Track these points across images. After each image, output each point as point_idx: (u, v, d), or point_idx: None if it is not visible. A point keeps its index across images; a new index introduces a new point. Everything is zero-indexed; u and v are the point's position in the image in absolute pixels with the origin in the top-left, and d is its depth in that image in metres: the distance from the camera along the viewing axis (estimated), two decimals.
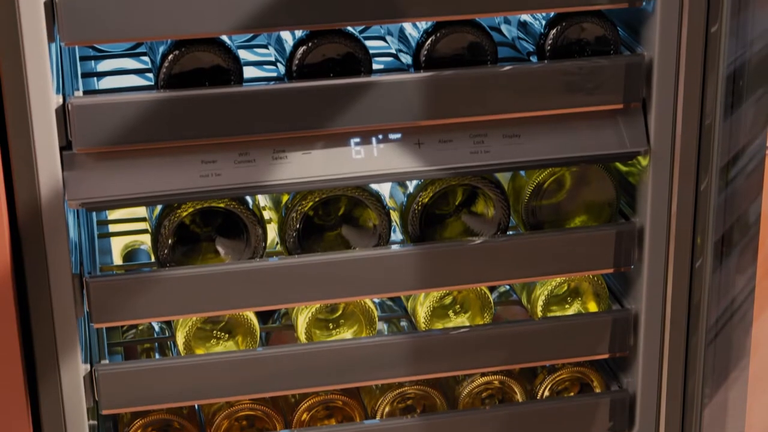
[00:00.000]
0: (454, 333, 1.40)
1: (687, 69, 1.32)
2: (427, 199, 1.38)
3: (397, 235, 1.45)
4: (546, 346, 1.43)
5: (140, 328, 1.53)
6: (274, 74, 1.44)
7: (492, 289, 1.54)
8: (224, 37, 1.28)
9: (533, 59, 1.39)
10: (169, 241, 1.33)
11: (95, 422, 1.39)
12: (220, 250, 1.36)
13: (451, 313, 1.47)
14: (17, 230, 1.24)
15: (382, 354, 1.39)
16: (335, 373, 1.38)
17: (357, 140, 1.31)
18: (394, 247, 1.36)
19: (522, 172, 1.43)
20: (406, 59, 1.37)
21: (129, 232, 1.67)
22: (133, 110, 1.24)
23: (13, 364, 1.27)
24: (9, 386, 1.27)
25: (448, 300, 1.47)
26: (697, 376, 1.44)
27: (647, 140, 1.36)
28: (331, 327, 1.44)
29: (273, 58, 1.42)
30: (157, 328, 1.53)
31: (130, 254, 1.72)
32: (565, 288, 1.48)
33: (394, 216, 1.42)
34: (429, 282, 1.37)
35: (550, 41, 1.36)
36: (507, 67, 1.31)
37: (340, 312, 1.44)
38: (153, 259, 1.36)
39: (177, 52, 1.26)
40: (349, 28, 1.31)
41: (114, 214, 1.69)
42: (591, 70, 1.33)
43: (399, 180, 1.36)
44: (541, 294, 1.46)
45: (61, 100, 1.23)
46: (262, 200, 1.44)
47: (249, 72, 1.44)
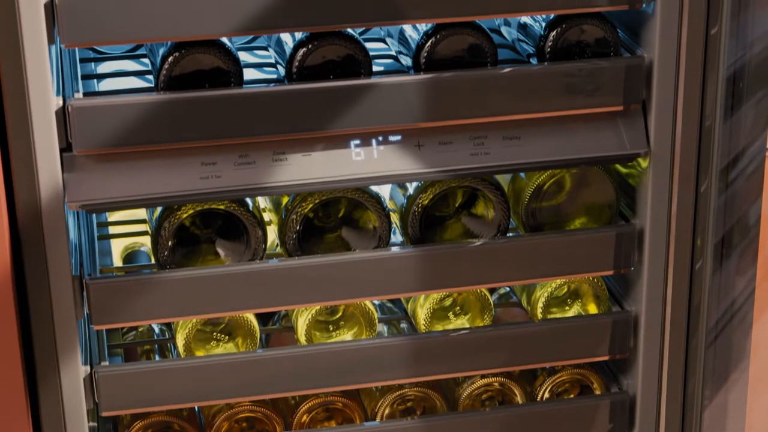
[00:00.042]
0: (454, 335, 1.40)
1: (687, 71, 1.32)
2: (427, 201, 1.38)
3: (397, 237, 1.45)
4: (546, 348, 1.43)
5: (140, 329, 1.53)
6: (274, 76, 1.44)
7: (492, 291, 1.54)
8: (224, 39, 1.28)
9: (533, 61, 1.39)
10: (169, 242, 1.33)
11: (95, 424, 1.39)
12: (220, 251, 1.35)
13: (451, 314, 1.47)
14: (17, 232, 1.24)
15: (382, 356, 1.39)
16: (335, 374, 1.38)
17: (357, 142, 1.31)
18: (394, 249, 1.36)
19: (522, 174, 1.43)
20: (406, 61, 1.37)
21: (129, 234, 1.67)
22: (133, 112, 1.24)
23: (13, 366, 1.27)
24: (9, 388, 1.27)
25: (448, 302, 1.47)
26: (697, 377, 1.44)
27: (647, 142, 1.36)
28: (331, 329, 1.44)
29: (273, 60, 1.42)
30: (157, 330, 1.53)
31: (130, 256, 1.72)
32: (565, 290, 1.48)
33: (394, 218, 1.42)
34: (429, 284, 1.37)
35: (550, 43, 1.36)
36: (507, 69, 1.31)
37: (340, 314, 1.44)
38: (153, 260, 1.36)
39: (177, 54, 1.26)
40: (349, 30, 1.31)
41: (114, 216, 1.69)
42: (591, 72, 1.33)
43: (399, 182, 1.36)
44: (541, 296, 1.46)
45: (61, 102, 1.23)
46: (262, 202, 1.44)
47: (249, 74, 1.44)
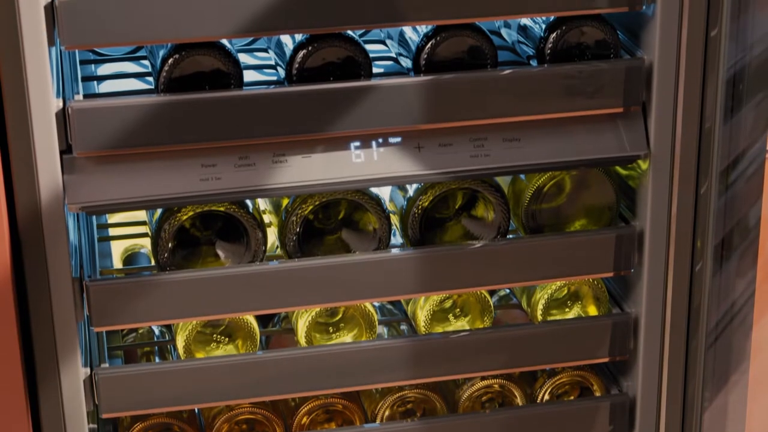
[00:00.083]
0: (454, 337, 1.40)
1: (687, 73, 1.32)
2: (427, 203, 1.38)
3: (397, 239, 1.45)
4: (546, 350, 1.43)
5: (140, 331, 1.53)
6: (274, 78, 1.44)
7: (492, 293, 1.54)
8: (224, 41, 1.28)
9: (533, 63, 1.39)
10: (169, 244, 1.33)
11: (95, 426, 1.39)
12: (220, 253, 1.35)
13: (451, 316, 1.47)
14: (17, 234, 1.24)
15: (382, 358, 1.39)
16: (335, 376, 1.38)
17: (357, 144, 1.31)
18: (394, 250, 1.36)
19: (522, 176, 1.43)
20: (406, 63, 1.37)
21: (129, 236, 1.66)
22: (134, 114, 1.24)
23: (14, 368, 1.27)
24: (9, 390, 1.27)
25: (448, 304, 1.47)
26: (697, 379, 1.44)
27: (647, 144, 1.36)
28: (331, 331, 1.44)
29: (273, 62, 1.42)
30: (157, 332, 1.53)
31: (130, 258, 1.72)
32: (565, 291, 1.48)
33: (394, 220, 1.42)
34: (429, 286, 1.37)
35: (550, 45, 1.36)
36: (507, 71, 1.31)
37: (340, 316, 1.44)
38: (153, 262, 1.36)
39: (177, 55, 1.26)
40: (350, 32, 1.31)
41: (114, 218, 1.69)
42: (591, 74, 1.33)
43: (399, 184, 1.36)
44: (541, 298, 1.46)
45: (61, 104, 1.23)
46: (262, 204, 1.44)
47: (249, 76, 1.44)
